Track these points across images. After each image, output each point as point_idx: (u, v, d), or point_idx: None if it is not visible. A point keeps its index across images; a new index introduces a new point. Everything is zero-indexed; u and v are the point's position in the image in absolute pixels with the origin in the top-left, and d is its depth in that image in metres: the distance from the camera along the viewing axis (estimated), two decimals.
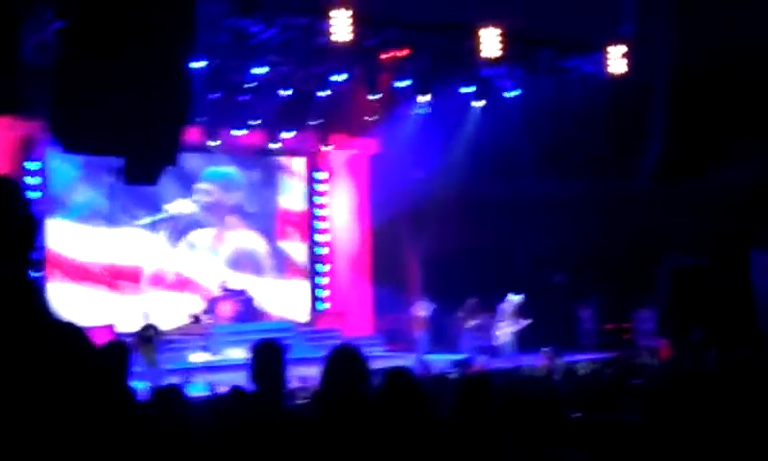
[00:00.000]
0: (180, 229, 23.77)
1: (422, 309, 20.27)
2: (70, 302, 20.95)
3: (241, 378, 4.37)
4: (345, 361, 3.78)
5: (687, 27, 19.48)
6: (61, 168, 21.19)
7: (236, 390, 5.39)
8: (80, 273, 21.86)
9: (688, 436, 4.38)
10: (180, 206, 23.66)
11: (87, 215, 21.94)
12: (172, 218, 23.59)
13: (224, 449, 3.85)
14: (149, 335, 16.42)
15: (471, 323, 20.42)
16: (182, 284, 23.56)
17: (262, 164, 25.14)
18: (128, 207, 22.34)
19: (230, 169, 24.59)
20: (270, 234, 25.19)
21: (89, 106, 6.25)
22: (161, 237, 23.39)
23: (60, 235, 21.55)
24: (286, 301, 25.22)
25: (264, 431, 3.82)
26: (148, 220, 23.05)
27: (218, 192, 24.39)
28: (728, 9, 19.09)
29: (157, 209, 23.19)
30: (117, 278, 22.45)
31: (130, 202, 21.82)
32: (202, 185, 24.11)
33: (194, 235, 24.03)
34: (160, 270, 23.24)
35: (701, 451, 4.25)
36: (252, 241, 25.01)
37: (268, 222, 25.23)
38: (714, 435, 4.43)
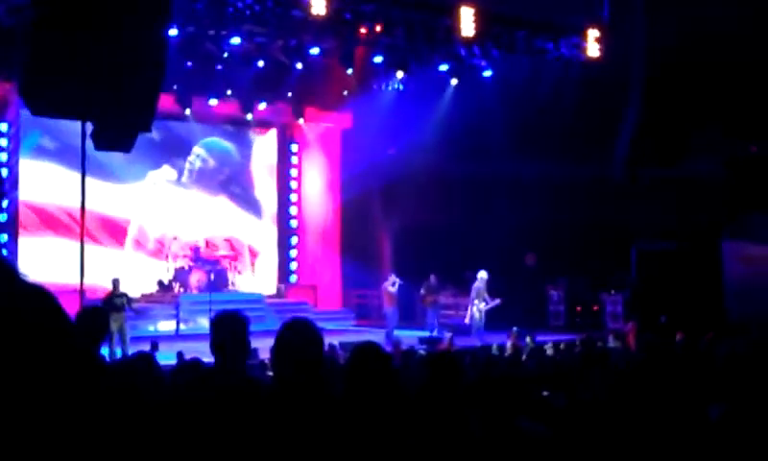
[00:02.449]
0: (168, 191, 23.89)
1: (392, 285, 20.29)
2: (41, 256, 21.03)
3: (209, 348, 4.34)
4: (296, 332, 3.76)
5: (660, 15, 19.54)
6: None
7: (194, 361, 5.37)
8: (56, 223, 21.82)
9: (652, 416, 4.43)
10: (164, 174, 23.73)
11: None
12: (156, 182, 23.67)
13: (182, 420, 3.83)
14: (120, 303, 16.24)
15: (431, 299, 20.46)
16: (158, 250, 23.56)
17: (236, 137, 25.19)
18: (121, 165, 22.18)
19: (228, 144, 24.68)
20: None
21: (60, 70, 6.17)
22: (148, 198, 23.43)
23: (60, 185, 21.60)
24: (258, 272, 25.28)
25: (223, 402, 3.81)
26: (141, 180, 23.28)
27: (213, 162, 24.52)
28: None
29: (152, 168, 23.45)
30: (104, 230, 22.56)
31: (124, 159, 21.48)
32: (198, 150, 24.17)
33: (180, 199, 24.08)
34: (143, 230, 23.23)
35: (664, 431, 4.30)
36: (237, 215, 25.09)
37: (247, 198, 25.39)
38: (677, 415, 4.47)
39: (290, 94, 22.87)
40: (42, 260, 20.82)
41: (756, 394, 3.91)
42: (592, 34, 19.05)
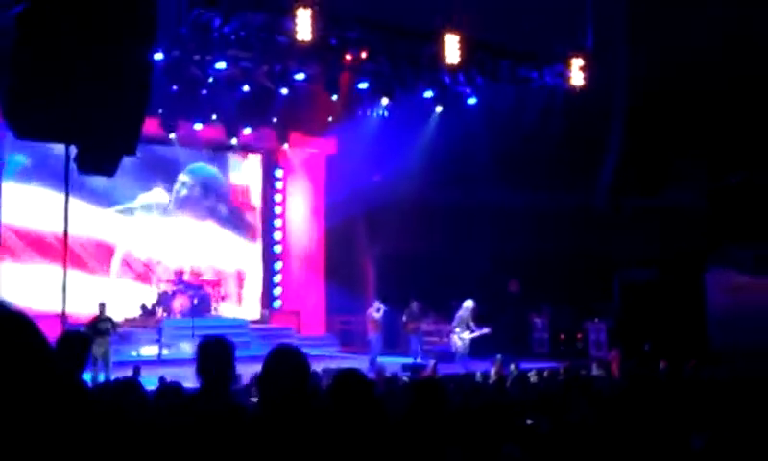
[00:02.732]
0: (154, 217, 23.81)
1: (376, 311, 20.23)
2: (25, 281, 20.92)
3: (192, 373, 4.31)
4: (283, 358, 3.75)
5: (643, 44, 19.70)
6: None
7: (174, 385, 5.32)
8: (41, 247, 21.65)
9: (636, 443, 4.42)
10: (157, 196, 23.66)
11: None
12: (147, 206, 23.58)
13: (167, 444, 3.80)
14: (105, 327, 16.16)
15: (413, 326, 20.39)
16: (143, 274, 23.47)
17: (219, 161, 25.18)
18: (107, 190, 22.11)
19: (214, 169, 24.66)
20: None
21: (44, 92, 6.15)
22: (135, 223, 23.39)
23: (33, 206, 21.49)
24: (243, 298, 25.23)
25: (207, 428, 3.78)
26: (124, 206, 23.16)
27: (198, 189, 24.48)
28: (680, 28, 19.32)
29: (133, 197, 23.34)
30: (90, 254, 22.44)
31: (109, 184, 21.38)
32: (184, 178, 24.15)
33: (164, 224, 23.99)
34: (129, 255, 23.12)
35: (647, 458, 4.29)
36: (225, 239, 25.04)
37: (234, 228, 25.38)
38: (660, 444, 4.47)
39: (275, 119, 22.87)
40: (26, 286, 20.71)
41: (738, 422, 3.92)
42: (576, 62, 19.16)
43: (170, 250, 23.86)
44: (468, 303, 19.34)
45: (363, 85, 20.57)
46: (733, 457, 3.74)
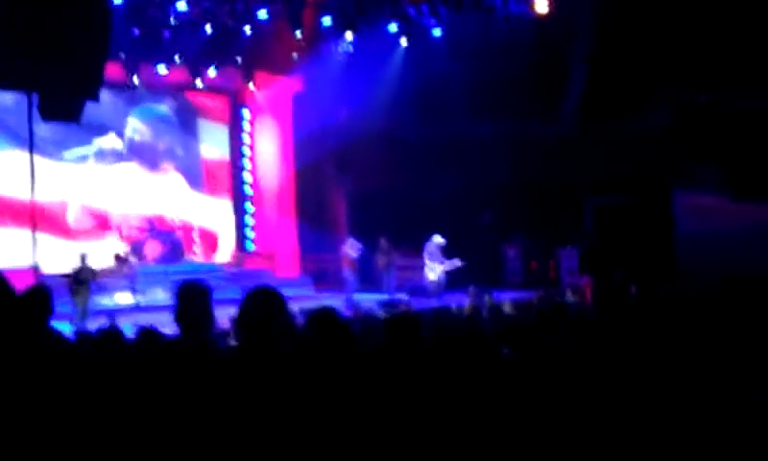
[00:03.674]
0: (109, 163, 23.32)
1: (351, 249, 20.27)
2: None
3: (168, 320, 4.31)
4: (259, 299, 3.75)
5: None
6: None
7: (150, 331, 5.32)
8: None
9: (611, 366, 4.49)
10: (111, 141, 23.19)
11: (13, 144, 21.18)
12: (101, 152, 23.12)
13: (146, 391, 3.80)
14: (84, 278, 16.14)
15: (384, 262, 20.44)
16: (107, 224, 23.17)
17: (182, 109, 24.75)
18: (56, 138, 21.59)
19: (163, 108, 24.15)
20: (198, 187, 25.00)
21: (3, 41, 6.03)
22: (89, 171, 22.92)
23: None
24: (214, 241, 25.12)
25: (187, 373, 3.78)
26: (78, 153, 22.57)
27: (149, 132, 24.02)
28: None
29: (87, 141, 22.74)
30: (41, 216, 21.55)
31: (58, 132, 20.93)
32: (133, 121, 23.67)
33: (123, 171, 23.58)
34: (86, 207, 22.78)
35: (621, 380, 4.36)
36: (183, 187, 24.75)
37: (194, 173, 25.01)
38: (633, 366, 4.54)
39: (239, 59, 22.57)
40: None
41: (707, 343, 3.99)
42: None
43: (132, 199, 23.51)
44: (438, 239, 19.42)
45: (326, 20, 20.36)
46: (702, 377, 3.82)
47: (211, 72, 22.68)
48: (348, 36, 20.89)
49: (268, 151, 25.68)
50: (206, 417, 3.48)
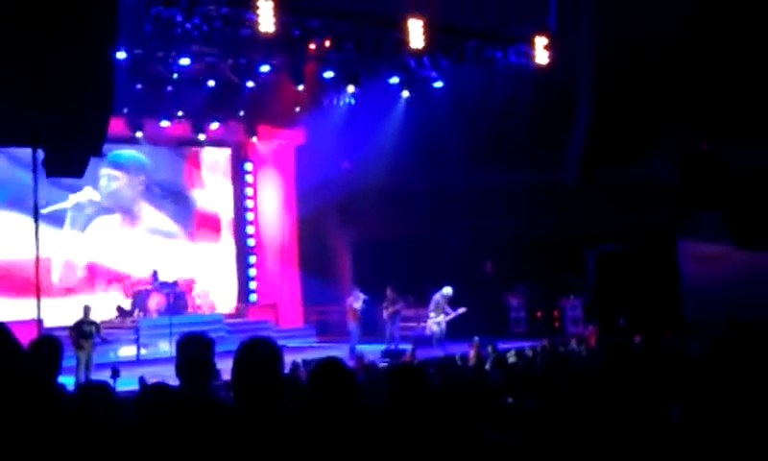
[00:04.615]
0: (87, 217, 23.07)
1: (355, 300, 20.22)
2: None
3: (172, 372, 4.30)
4: (252, 350, 3.74)
5: (608, 21, 19.75)
6: None
7: (158, 385, 5.30)
8: None
9: (614, 416, 4.46)
10: (87, 194, 22.93)
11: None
12: (78, 206, 22.87)
13: (148, 445, 3.78)
14: (89, 330, 16.07)
15: (390, 311, 20.36)
16: (110, 278, 23.15)
17: (180, 162, 24.79)
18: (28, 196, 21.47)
19: (133, 151, 23.76)
20: (189, 235, 24.98)
21: (9, 97, 6.07)
22: (66, 228, 22.67)
23: None
24: (216, 293, 25.07)
25: (188, 425, 3.76)
26: (51, 209, 22.09)
27: (123, 176, 23.84)
28: (645, 4, 19.40)
29: (62, 198, 22.41)
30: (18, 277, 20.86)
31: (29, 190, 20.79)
32: (106, 170, 23.46)
33: (103, 223, 23.41)
34: (70, 262, 22.61)
35: (626, 430, 4.33)
36: (166, 223, 24.60)
37: (186, 223, 24.99)
38: (639, 415, 4.51)
39: (242, 113, 22.72)
40: None
41: (713, 392, 3.96)
42: (540, 41, 19.19)
43: (120, 249, 23.39)
44: (447, 290, 19.40)
45: (328, 74, 20.53)
46: (708, 426, 3.79)
47: (214, 126, 22.83)
48: (350, 88, 21.06)
49: (271, 202, 25.75)
50: None
